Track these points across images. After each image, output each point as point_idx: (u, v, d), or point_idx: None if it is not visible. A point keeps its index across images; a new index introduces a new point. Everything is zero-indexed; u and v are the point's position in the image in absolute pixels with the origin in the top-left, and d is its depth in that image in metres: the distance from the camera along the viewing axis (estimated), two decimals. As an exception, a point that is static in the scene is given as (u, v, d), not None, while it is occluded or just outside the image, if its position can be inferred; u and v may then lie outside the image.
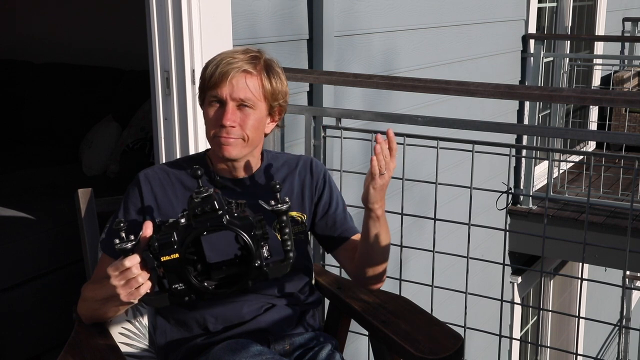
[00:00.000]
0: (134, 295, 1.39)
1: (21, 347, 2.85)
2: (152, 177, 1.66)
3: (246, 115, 1.60)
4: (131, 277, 1.37)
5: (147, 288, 1.40)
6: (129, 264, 1.36)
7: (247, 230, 1.38)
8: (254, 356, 1.48)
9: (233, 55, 1.60)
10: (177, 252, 1.36)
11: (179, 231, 1.37)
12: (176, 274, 1.38)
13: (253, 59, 1.61)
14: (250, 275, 1.41)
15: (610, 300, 6.05)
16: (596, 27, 5.65)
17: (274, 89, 1.63)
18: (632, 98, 2.38)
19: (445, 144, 2.26)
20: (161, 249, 1.36)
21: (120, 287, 1.38)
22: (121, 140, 3.66)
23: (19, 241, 2.90)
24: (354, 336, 2.24)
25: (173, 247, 1.36)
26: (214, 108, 1.60)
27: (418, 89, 2.37)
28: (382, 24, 3.01)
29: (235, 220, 1.38)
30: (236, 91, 1.58)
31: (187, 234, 1.36)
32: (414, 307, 1.79)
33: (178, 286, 1.39)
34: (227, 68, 1.57)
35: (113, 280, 1.38)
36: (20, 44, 4.82)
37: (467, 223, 2.29)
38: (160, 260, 1.36)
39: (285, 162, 1.77)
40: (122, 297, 1.39)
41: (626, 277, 2.77)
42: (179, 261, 1.36)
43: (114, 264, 1.38)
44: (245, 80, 1.58)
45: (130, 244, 1.36)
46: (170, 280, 1.39)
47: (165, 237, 1.36)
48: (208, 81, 1.59)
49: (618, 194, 4.44)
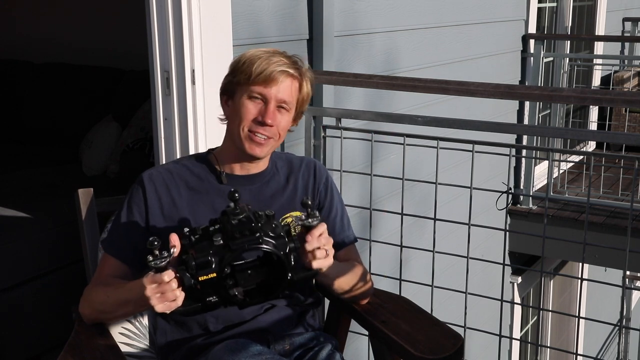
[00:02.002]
0: (170, 307, 1.41)
1: (21, 347, 2.85)
2: (155, 177, 1.67)
3: (282, 117, 1.65)
4: (169, 292, 1.39)
5: (181, 300, 1.41)
6: (168, 279, 1.38)
7: (282, 248, 1.42)
8: (254, 356, 1.48)
9: (278, 57, 1.64)
10: (215, 272, 1.39)
11: (216, 250, 1.39)
12: (212, 289, 1.41)
13: (295, 64, 1.67)
14: (282, 287, 1.46)
15: (610, 300, 6.04)
16: (596, 27, 5.65)
17: (307, 95, 1.70)
18: (632, 98, 2.38)
19: (445, 144, 2.26)
20: (198, 268, 1.38)
21: (155, 299, 1.40)
22: (121, 140, 3.66)
23: (19, 241, 2.90)
24: (354, 336, 2.24)
25: (211, 267, 1.39)
26: (255, 104, 1.63)
27: (418, 89, 2.37)
28: (382, 24, 3.01)
29: (270, 240, 1.42)
30: (282, 93, 1.63)
31: (226, 255, 1.39)
32: (414, 307, 1.79)
33: (212, 299, 1.43)
34: (278, 69, 1.61)
35: (148, 292, 1.39)
36: (20, 44, 4.82)
37: (467, 223, 2.29)
38: (198, 279, 1.39)
39: (288, 161, 1.79)
40: (158, 308, 1.40)
41: (626, 277, 2.77)
42: (217, 279, 1.40)
43: (151, 277, 1.39)
44: (291, 84, 1.65)
45: (164, 262, 1.37)
46: (205, 294, 1.42)
47: (202, 257, 1.39)
48: (256, 76, 1.61)
49: (618, 194, 4.44)
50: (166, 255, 1.37)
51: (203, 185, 1.67)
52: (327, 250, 1.50)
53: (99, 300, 1.58)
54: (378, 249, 2.53)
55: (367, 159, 2.56)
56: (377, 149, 2.60)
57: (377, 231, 2.64)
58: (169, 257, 1.37)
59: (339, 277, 1.69)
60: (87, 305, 1.61)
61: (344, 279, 1.70)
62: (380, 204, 2.79)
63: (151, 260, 1.36)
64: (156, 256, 1.37)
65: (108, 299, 1.55)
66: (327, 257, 1.50)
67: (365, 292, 1.76)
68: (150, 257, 1.37)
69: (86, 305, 1.61)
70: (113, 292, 1.54)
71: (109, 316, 1.62)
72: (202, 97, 2.16)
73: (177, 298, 1.40)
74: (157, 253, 1.37)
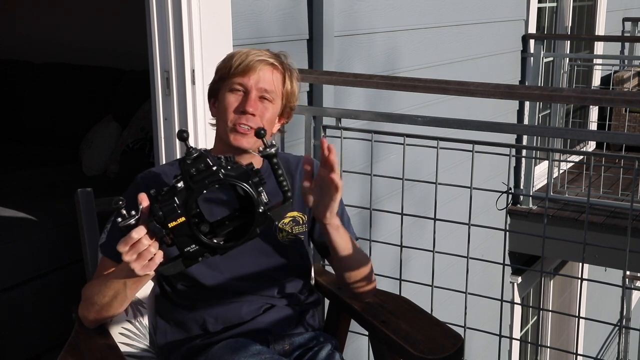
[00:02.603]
0: (150, 266, 1.37)
1: (21, 347, 2.85)
2: (149, 178, 1.67)
3: (265, 108, 1.64)
4: (143, 249, 1.35)
5: (161, 257, 1.38)
6: (137, 236, 1.34)
7: (244, 179, 1.38)
8: (254, 356, 1.48)
9: (260, 51, 1.66)
10: (183, 216, 1.36)
11: (180, 195, 1.36)
12: (186, 236, 1.37)
13: (278, 57, 1.68)
14: (256, 222, 1.40)
15: (610, 300, 6.05)
16: (596, 27, 5.65)
17: (292, 90, 1.69)
18: (632, 98, 2.38)
19: (445, 144, 2.26)
20: (166, 215, 1.35)
21: (134, 262, 1.36)
22: (121, 140, 3.66)
23: (19, 241, 2.90)
24: (354, 336, 2.24)
25: (177, 212, 1.35)
26: (236, 95, 1.63)
27: (418, 89, 2.37)
28: (382, 24, 3.01)
29: (231, 172, 1.39)
30: (262, 82, 1.63)
31: (189, 195, 1.36)
32: (414, 307, 1.79)
33: (190, 248, 1.38)
34: (256, 59, 1.62)
35: (125, 257, 1.36)
36: (20, 44, 4.82)
37: (467, 223, 2.29)
38: (168, 226, 1.35)
39: (286, 161, 1.78)
40: (138, 270, 1.37)
41: (626, 277, 2.77)
42: (186, 224, 1.36)
43: (122, 240, 1.36)
44: (272, 74, 1.64)
45: (133, 220, 1.34)
46: (182, 244, 1.38)
47: (167, 204, 1.36)
48: (235, 68, 1.62)
49: (618, 194, 4.44)
50: (134, 213, 1.34)
51: None
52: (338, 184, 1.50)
53: (94, 293, 1.54)
54: (378, 249, 2.54)
55: (367, 159, 2.56)
56: (377, 149, 2.60)
57: (377, 231, 2.64)
58: (137, 215, 1.35)
59: (346, 251, 1.64)
60: (85, 306, 1.58)
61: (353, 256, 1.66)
62: (381, 204, 2.79)
63: (120, 221, 1.34)
64: (124, 216, 1.34)
65: (101, 289, 1.52)
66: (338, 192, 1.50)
67: (369, 276, 1.72)
68: (119, 218, 1.34)
69: (83, 306, 1.59)
70: (104, 280, 1.51)
71: (106, 310, 1.56)
72: (202, 97, 2.16)
73: (154, 255, 1.36)
74: (124, 213, 1.34)
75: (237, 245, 1.42)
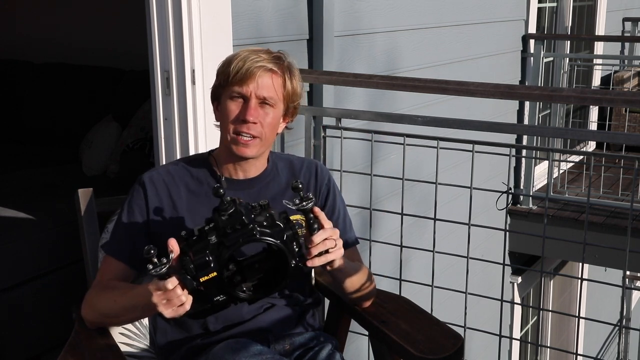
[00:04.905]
0: (178, 312, 1.40)
1: (21, 347, 2.85)
2: (156, 179, 1.66)
3: (266, 114, 1.62)
4: (174, 298, 1.38)
5: (189, 304, 1.41)
6: (171, 286, 1.37)
7: (279, 236, 1.40)
8: (254, 356, 1.48)
9: (257, 53, 1.62)
10: (215, 271, 1.38)
11: (212, 249, 1.39)
12: (216, 288, 1.41)
13: (277, 59, 1.63)
14: (288, 275, 1.43)
15: (610, 300, 6.04)
16: (596, 27, 5.65)
17: (294, 90, 1.66)
18: (632, 98, 2.38)
19: (445, 144, 2.26)
20: (198, 270, 1.38)
21: (163, 306, 1.39)
22: (121, 140, 3.66)
23: (19, 241, 2.90)
24: (354, 336, 2.24)
25: (210, 267, 1.38)
26: (236, 103, 1.61)
27: (418, 89, 2.37)
28: (382, 24, 3.01)
29: (266, 229, 1.40)
30: (261, 89, 1.60)
31: (221, 251, 1.38)
32: (414, 307, 1.79)
33: (219, 298, 1.42)
34: (254, 65, 1.59)
35: (154, 298, 1.39)
36: (20, 44, 4.82)
37: (467, 223, 2.29)
38: (200, 280, 1.38)
39: (289, 163, 1.77)
40: (167, 314, 1.40)
41: (626, 277, 2.76)
42: (218, 278, 1.39)
43: (155, 284, 1.38)
44: (271, 79, 1.61)
45: (164, 268, 1.36)
46: (211, 294, 1.42)
47: (200, 258, 1.38)
48: (233, 76, 1.59)
49: (618, 194, 4.44)
50: (165, 261, 1.36)
51: (202, 189, 1.67)
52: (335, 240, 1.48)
53: (106, 306, 1.56)
54: (378, 249, 2.54)
55: (367, 159, 2.56)
56: (377, 149, 2.60)
57: (377, 231, 2.64)
58: (168, 263, 1.36)
59: (351, 275, 1.65)
60: (91, 311, 1.60)
61: (356, 277, 1.67)
62: (381, 204, 2.79)
63: (151, 269, 1.35)
64: (155, 264, 1.35)
65: (115, 305, 1.54)
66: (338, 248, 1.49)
67: (371, 292, 1.75)
68: (150, 265, 1.35)
69: (90, 310, 1.60)
70: (120, 298, 1.52)
71: (114, 320, 1.61)
72: (202, 97, 2.16)
73: (184, 302, 1.39)
74: (155, 261, 1.35)
75: (265, 296, 1.46)
